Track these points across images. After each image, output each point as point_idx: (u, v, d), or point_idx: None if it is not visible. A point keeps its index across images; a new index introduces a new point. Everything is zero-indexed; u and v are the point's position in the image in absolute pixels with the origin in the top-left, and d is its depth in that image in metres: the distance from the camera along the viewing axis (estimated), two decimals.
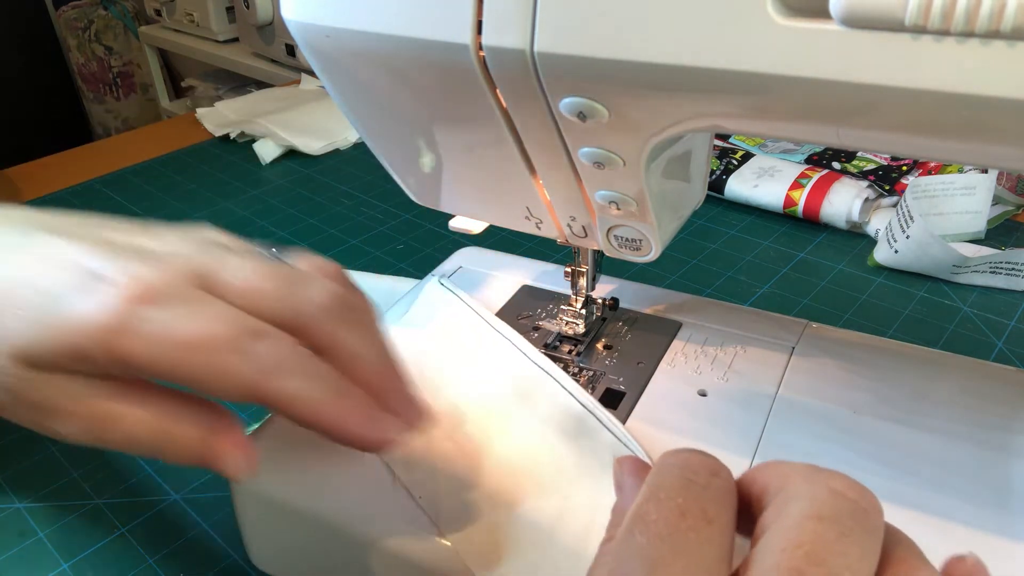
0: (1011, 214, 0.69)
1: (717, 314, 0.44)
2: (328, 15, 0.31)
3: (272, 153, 0.86)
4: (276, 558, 0.37)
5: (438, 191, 0.41)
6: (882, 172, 0.70)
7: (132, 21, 2.17)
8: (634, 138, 0.30)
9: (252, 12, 1.36)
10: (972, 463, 0.35)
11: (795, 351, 0.41)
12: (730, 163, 0.74)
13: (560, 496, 0.33)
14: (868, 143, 0.27)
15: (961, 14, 0.21)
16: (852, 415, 0.37)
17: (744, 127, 0.29)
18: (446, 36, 0.29)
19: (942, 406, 0.37)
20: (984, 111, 0.22)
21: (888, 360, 0.41)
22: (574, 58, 0.27)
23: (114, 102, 2.25)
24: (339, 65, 0.34)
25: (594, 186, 0.34)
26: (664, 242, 0.38)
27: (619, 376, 0.41)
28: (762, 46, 0.24)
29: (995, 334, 0.55)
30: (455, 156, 0.37)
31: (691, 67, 0.25)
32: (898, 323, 0.57)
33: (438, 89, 0.32)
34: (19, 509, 0.43)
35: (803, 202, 0.68)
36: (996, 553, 0.31)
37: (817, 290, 0.61)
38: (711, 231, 0.69)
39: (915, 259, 0.60)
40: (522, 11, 0.27)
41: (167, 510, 0.43)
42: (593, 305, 0.44)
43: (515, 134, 0.33)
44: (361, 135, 0.39)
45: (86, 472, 0.45)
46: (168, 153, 0.88)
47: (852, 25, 0.22)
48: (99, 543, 0.41)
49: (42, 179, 0.82)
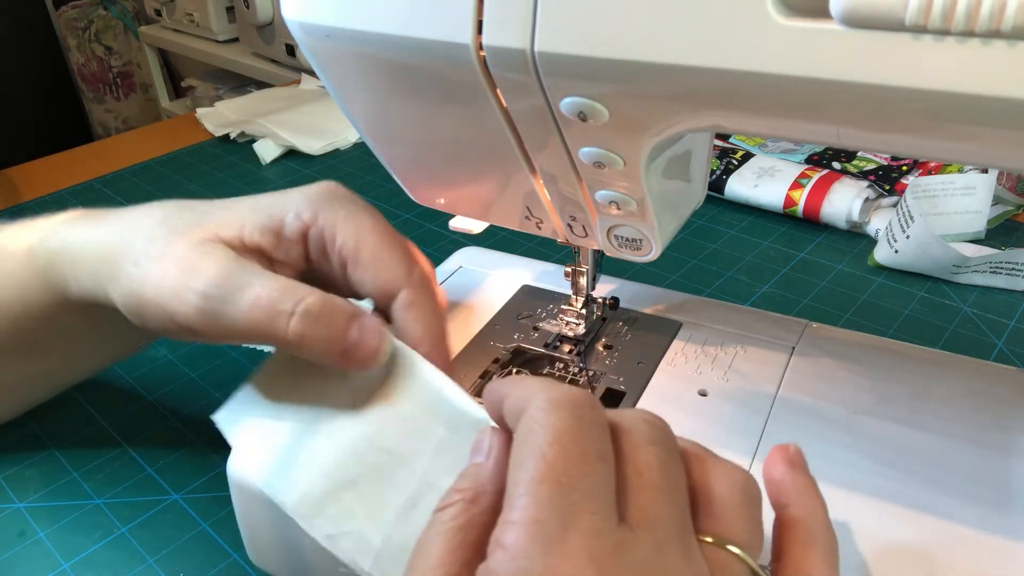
0: (1011, 214, 0.69)
1: (717, 314, 0.44)
2: (328, 15, 0.31)
3: (272, 153, 0.86)
4: (276, 558, 0.37)
5: (438, 191, 0.41)
6: (882, 172, 0.70)
7: (132, 21, 2.17)
8: (634, 138, 0.30)
9: (252, 12, 1.36)
10: (972, 463, 0.35)
11: (795, 351, 0.41)
12: (730, 163, 0.74)
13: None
14: (868, 143, 0.27)
15: (961, 14, 0.21)
16: (852, 415, 0.37)
17: (744, 127, 0.29)
18: (446, 36, 0.29)
19: (942, 406, 0.37)
20: (984, 111, 0.22)
21: (888, 360, 0.41)
22: (574, 58, 0.27)
23: (114, 102, 2.25)
24: (339, 65, 0.34)
25: (594, 186, 0.34)
26: (664, 242, 0.38)
27: (619, 376, 0.41)
28: (762, 46, 0.24)
29: (995, 334, 0.55)
30: (455, 156, 0.37)
31: (691, 67, 0.25)
32: (898, 323, 0.57)
33: (438, 89, 0.32)
34: (19, 509, 0.43)
35: (803, 202, 0.68)
36: (996, 553, 0.31)
37: (817, 290, 0.61)
38: (711, 231, 0.69)
39: (915, 259, 0.60)
40: (522, 11, 0.27)
41: (167, 510, 0.43)
42: (593, 305, 0.44)
43: (515, 134, 0.33)
44: (361, 135, 0.39)
45: (86, 472, 0.45)
46: (168, 153, 0.88)
47: (852, 25, 0.22)
48: (99, 543, 0.41)
49: (42, 179, 0.82)
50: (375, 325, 0.32)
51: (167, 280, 0.32)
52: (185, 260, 0.33)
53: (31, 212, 0.41)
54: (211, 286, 0.31)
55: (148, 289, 0.33)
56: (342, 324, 0.31)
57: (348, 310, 0.32)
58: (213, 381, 0.51)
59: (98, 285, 0.35)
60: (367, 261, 0.34)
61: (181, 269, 0.32)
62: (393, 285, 0.34)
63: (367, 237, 0.34)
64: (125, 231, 0.35)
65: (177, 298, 0.32)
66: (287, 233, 0.34)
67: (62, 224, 0.39)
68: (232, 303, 0.31)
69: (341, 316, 0.31)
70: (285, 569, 0.37)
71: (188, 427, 0.48)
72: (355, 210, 0.35)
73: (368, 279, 0.34)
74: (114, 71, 2.21)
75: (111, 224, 0.36)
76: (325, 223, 0.34)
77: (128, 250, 0.34)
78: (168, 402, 0.50)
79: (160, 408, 0.49)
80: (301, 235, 0.35)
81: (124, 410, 0.49)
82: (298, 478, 0.31)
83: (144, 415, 0.49)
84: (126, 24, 2.18)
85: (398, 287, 0.34)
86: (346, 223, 0.34)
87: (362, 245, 0.34)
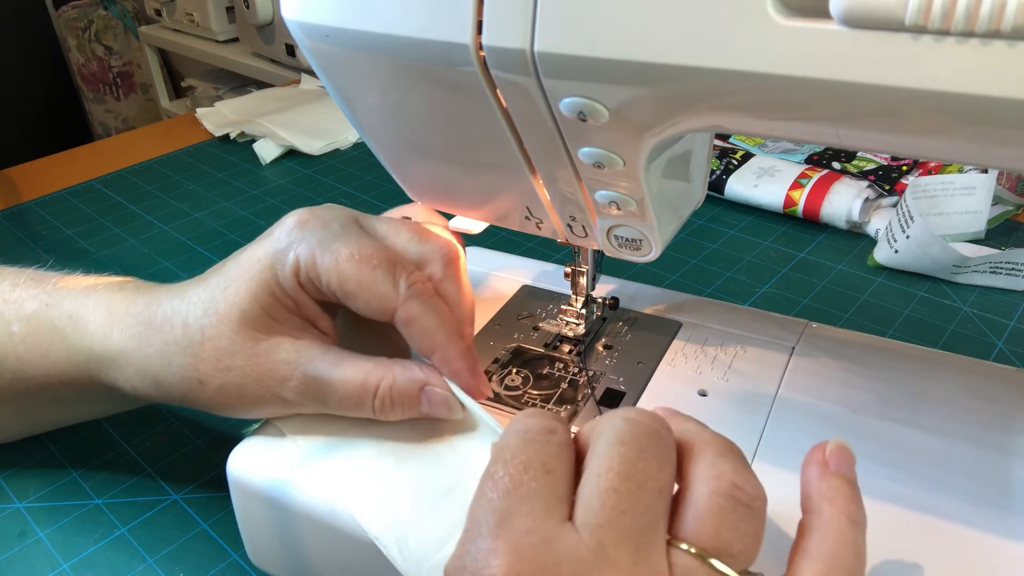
0: (1011, 214, 0.69)
1: (717, 314, 0.44)
2: (328, 15, 0.31)
3: (272, 153, 0.86)
4: (276, 558, 0.37)
5: (438, 191, 0.41)
6: (882, 172, 0.70)
7: (132, 21, 2.17)
8: (634, 138, 0.30)
9: (252, 12, 1.36)
10: (972, 463, 0.35)
11: (795, 351, 0.41)
12: (730, 163, 0.74)
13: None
14: (868, 143, 0.27)
15: (961, 14, 0.21)
16: (852, 415, 0.37)
17: (744, 127, 0.29)
18: (446, 36, 0.29)
19: (942, 406, 0.37)
20: (984, 111, 0.22)
21: (888, 360, 0.40)
22: (574, 58, 0.27)
23: (114, 102, 2.25)
24: (339, 65, 0.34)
25: (594, 186, 0.34)
26: (664, 242, 0.38)
27: (619, 376, 0.41)
28: (762, 46, 0.24)
29: (995, 334, 0.55)
30: (455, 156, 0.37)
31: (691, 67, 0.25)
32: (898, 323, 0.57)
33: (438, 89, 0.32)
34: (19, 509, 0.43)
35: (803, 202, 0.68)
36: (996, 553, 0.31)
37: (817, 290, 0.61)
38: (711, 231, 0.69)
39: (915, 259, 0.60)
40: (522, 11, 0.27)
41: (167, 510, 0.43)
42: (593, 305, 0.44)
43: (515, 134, 0.33)
44: (361, 135, 0.39)
45: (86, 472, 0.45)
46: (168, 153, 0.88)
47: (852, 25, 0.22)
48: (99, 543, 0.41)
49: (42, 179, 0.82)
50: (440, 396, 0.34)
51: (249, 391, 0.35)
52: (253, 371, 0.34)
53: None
54: (299, 395, 0.34)
55: (234, 400, 0.35)
56: (415, 402, 0.34)
57: (417, 384, 0.34)
58: None
59: (165, 395, 0.37)
60: (354, 292, 0.34)
61: (257, 381, 0.34)
62: (386, 307, 0.34)
63: (345, 268, 0.33)
64: (159, 346, 0.36)
65: (273, 402, 0.35)
66: (289, 291, 0.34)
67: (93, 315, 0.38)
68: (323, 402, 0.34)
69: (412, 394, 0.34)
70: (285, 569, 0.37)
71: (188, 427, 0.48)
72: (328, 240, 0.34)
73: (362, 307, 0.34)
74: (114, 71, 2.21)
75: (143, 337, 0.36)
76: (307, 264, 0.34)
77: (181, 369, 0.35)
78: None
79: (160, 408, 0.49)
80: (298, 286, 0.34)
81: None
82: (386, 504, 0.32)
83: (144, 415, 0.49)
84: (126, 24, 2.18)
85: (391, 307, 0.34)
86: (323, 257, 0.34)
87: (344, 278, 0.33)
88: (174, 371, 0.35)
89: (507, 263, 0.50)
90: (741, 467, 0.26)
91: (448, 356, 0.34)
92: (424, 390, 0.34)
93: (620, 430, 0.26)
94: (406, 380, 0.34)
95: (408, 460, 0.34)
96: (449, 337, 0.34)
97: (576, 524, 0.24)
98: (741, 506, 0.24)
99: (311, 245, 0.34)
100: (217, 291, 0.35)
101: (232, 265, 0.36)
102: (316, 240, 0.34)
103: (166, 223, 0.73)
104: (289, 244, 0.34)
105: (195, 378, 0.35)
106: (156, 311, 0.37)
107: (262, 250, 0.35)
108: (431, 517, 0.31)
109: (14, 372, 0.39)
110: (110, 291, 0.39)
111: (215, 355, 0.34)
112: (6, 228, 0.72)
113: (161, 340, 0.36)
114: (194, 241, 0.70)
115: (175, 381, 0.36)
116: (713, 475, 0.25)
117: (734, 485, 0.25)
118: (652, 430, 0.26)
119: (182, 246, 0.69)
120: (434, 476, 0.33)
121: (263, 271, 0.34)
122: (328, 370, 0.34)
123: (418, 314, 0.34)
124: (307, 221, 0.35)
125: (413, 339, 0.35)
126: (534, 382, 0.41)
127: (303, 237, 0.34)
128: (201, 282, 0.36)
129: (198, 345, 0.35)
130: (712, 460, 0.26)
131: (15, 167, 0.85)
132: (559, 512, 0.24)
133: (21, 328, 0.39)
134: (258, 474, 0.35)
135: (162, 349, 0.36)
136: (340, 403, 0.34)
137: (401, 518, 0.31)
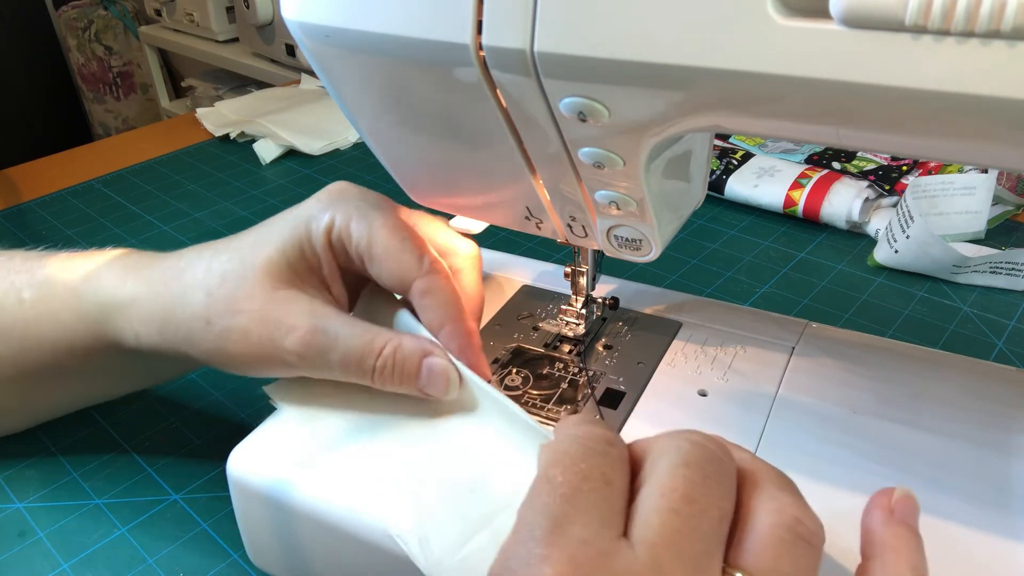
0: (1011, 214, 0.69)
1: (717, 314, 0.44)
2: (328, 15, 0.31)
3: (272, 153, 0.86)
4: (276, 558, 0.37)
5: (438, 191, 0.41)
6: (882, 172, 0.70)
7: (132, 21, 2.17)
8: (634, 138, 0.30)
9: (252, 12, 1.36)
10: (972, 463, 0.35)
11: (795, 351, 0.41)
12: (730, 163, 0.74)
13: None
14: (868, 143, 0.27)
15: (961, 14, 0.21)
16: (852, 415, 0.37)
17: (744, 127, 0.29)
18: (446, 36, 0.29)
19: (942, 406, 0.37)
20: (984, 111, 0.22)
21: (888, 360, 0.41)
22: (574, 58, 0.27)
23: (114, 102, 2.25)
24: (339, 65, 0.34)
25: (594, 186, 0.34)
26: (664, 242, 0.38)
27: (619, 376, 0.41)
28: (762, 46, 0.24)
29: (995, 334, 0.55)
30: (455, 156, 0.37)
31: (691, 67, 0.25)
32: (898, 323, 0.57)
33: (438, 89, 0.32)
34: (19, 509, 0.43)
35: (803, 202, 0.68)
36: (996, 553, 0.31)
37: (817, 290, 0.61)
38: (711, 231, 0.69)
39: (915, 259, 0.60)
40: (522, 11, 0.27)
41: (167, 510, 0.43)
42: (593, 305, 0.44)
43: (515, 134, 0.33)
44: (361, 135, 0.39)
45: (86, 472, 0.45)
46: (168, 153, 0.88)
47: (852, 25, 0.22)
48: (99, 543, 0.41)
49: (42, 179, 0.82)
50: (442, 366, 0.34)
51: (253, 337, 0.35)
52: (263, 315, 0.35)
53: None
54: (302, 346, 0.35)
55: (234, 346, 0.36)
56: (414, 369, 0.34)
57: (419, 353, 0.34)
58: (213, 381, 0.51)
59: (166, 341, 0.38)
60: (380, 256, 0.36)
61: (264, 325, 0.35)
62: (407, 276, 0.36)
63: (378, 233, 0.36)
64: (176, 287, 0.38)
65: (271, 355, 0.35)
66: (317, 248, 0.37)
67: (107, 272, 0.40)
68: (325, 361, 0.35)
69: (414, 361, 0.34)
70: (285, 569, 0.37)
71: (188, 427, 0.48)
72: (365, 208, 0.37)
73: (384, 273, 0.36)
74: (114, 71, 2.21)
75: (159, 280, 0.38)
76: (341, 225, 0.36)
77: (191, 308, 0.37)
78: (168, 402, 0.50)
79: (160, 408, 0.49)
80: (328, 244, 0.37)
81: (124, 410, 0.49)
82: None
83: (144, 415, 0.49)
84: (126, 24, 2.18)
85: (412, 277, 0.36)
86: (358, 222, 0.36)
87: (374, 242, 0.36)
88: (183, 309, 0.37)
89: (507, 263, 0.50)
90: (801, 502, 0.25)
91: (457, 331, 0.36)
92: (426, 360, 0.34)
93: (685, 452, 0.25)
94: (412, 345, 0.35)
95: (429, 459, 0.34)
96: (460, 314, 0.36)
97: (632, 540, 0.24)
98: (801, 540, 0.24)
99: (348, 210, 0.36)
100: (245, 242, 0.38)
101: (261, 226, 0.38)
102: (353, 207, 0.37)
103: (166, 223, 0.73)
104: (328, 206, 0.37)
105: (203, 317, 0.36)
106: (178, 262, 0.39)
107: (298, 210, 0.37)
108: (453, 516, 0.31)
109: (20, 341, 0.40)
110: (127, 254, 0.41)
111: (230, 296, 0.36)
112: (6, 228, 0.72)
113: (179, 283, 0.37)
114: (194, 241, 0.69)
115: (181, 320, 0.37)
116: (775, 507, 0.25)
117: (796, 519, 0.24)
118: (716, 456, 0.26)
119: (182, 246, 0.69)
120: (456, 475, 0.33)
121: (297, 227, 0.37)
122: (337, 325, 0.35)
123: (436, 288, 0.36)
124: (345, 190, 0.38)
125: (426, 311, 0.36)
126: (534, 382, 0.41)
127: (343, 201, 0.37)
128: (226, 240, 0.39)
129: (216, 286, 0.36)
130: (773, 493, 0.25)
131: (15, 167, 0.85)
132: (616, 526, 0.24)
133: (32, 294, 0.40)
134: (258, 474, 0.35)
135: (178, 289, 0.37)
136: (342, 360, 0.35)
137: (424, 517, 0.31)
